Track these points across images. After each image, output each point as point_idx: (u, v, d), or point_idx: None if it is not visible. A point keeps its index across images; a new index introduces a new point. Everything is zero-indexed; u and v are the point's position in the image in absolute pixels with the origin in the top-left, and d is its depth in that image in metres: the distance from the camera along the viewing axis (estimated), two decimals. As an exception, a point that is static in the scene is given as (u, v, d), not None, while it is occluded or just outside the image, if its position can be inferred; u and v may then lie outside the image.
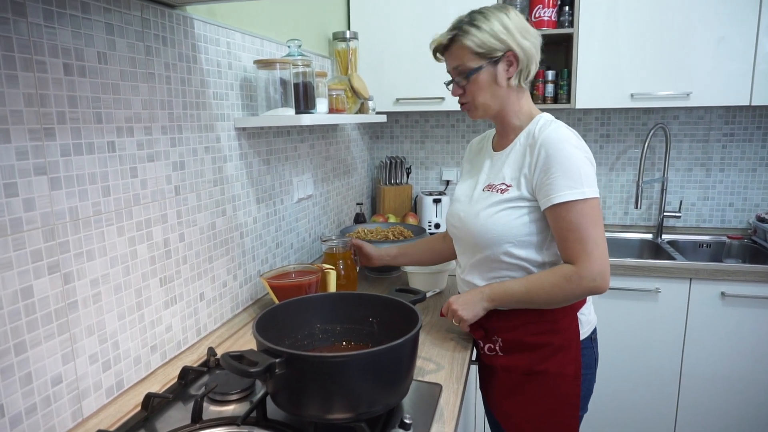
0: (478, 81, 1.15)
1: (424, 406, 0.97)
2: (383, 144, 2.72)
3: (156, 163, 1.08)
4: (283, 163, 1.64)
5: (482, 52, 1.12)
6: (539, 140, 1.10)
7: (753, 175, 2.35)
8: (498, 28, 1.11)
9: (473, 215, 1.17)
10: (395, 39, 2.20)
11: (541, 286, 1.09)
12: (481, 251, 1.17)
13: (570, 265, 1.07)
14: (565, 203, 1.05)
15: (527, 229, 1.12)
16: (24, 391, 0.80)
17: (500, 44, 1.12)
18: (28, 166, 0.80)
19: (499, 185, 1.16)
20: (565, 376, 1.15)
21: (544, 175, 1.07)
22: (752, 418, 1.98)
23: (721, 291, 1.90)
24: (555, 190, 1.05)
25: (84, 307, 0.91)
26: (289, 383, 0.83)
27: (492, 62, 1.13)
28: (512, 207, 1.12)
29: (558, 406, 1.17)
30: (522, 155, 1.14)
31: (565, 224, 1.06)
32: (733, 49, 1.95)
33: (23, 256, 0.79)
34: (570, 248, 1.07)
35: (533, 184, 1.10)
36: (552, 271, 1.10)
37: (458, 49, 1.15)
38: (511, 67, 1.14)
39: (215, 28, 1.27)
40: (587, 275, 1.05)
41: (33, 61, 0.80)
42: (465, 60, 1.14)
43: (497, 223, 1.13)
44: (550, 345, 1.15)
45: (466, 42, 1.12)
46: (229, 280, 1.36)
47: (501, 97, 1.17)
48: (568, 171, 1.05)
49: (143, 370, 1.07)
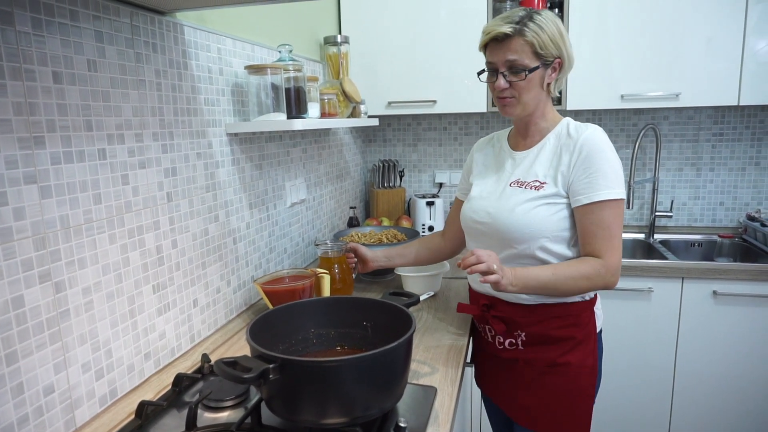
0: (531, 80, 1.15)
1: (419, 409, 0.97)
2: (376, 147, 2.72)
3: (147, 170, 1.07)
4: (275, 168, 1.64)
5: (541, 53, 1.13)
6: (579, 141, 1.14)
7: (742, 174, 2.37)
8: (556, 33, 1.14)
9: (507, 210, 1.18)
10: (386, 42, 2.21)
11: (570, 275, 1.11)
12: (514, 246, 1.18)
13: (597, 258, 1.12)
14: (602, 201, 1.10)
15: (563, 225, 1.15)
16: (16, 402, 0.80)
17: (555, 49, 1.14)
18: (18, 174, 0.79)
19: (532, 182, 1.18)
20: (585, 367, 1.20)
21: (582, 173, 1.12)
22: (745, 415, 1.99)
23: (712, 290, 1.91)
24: (594, 188, 1.10)
25: (76, 316, 0.90)
26: (283, 389, 0.82)
27: (545, 65, 1.15)
28: (549, 203, 1.15)
29: (576, 397, 1.21)
30: (556, 154, 1.17)
31: (597, 221, 1.11)
32: (721, 49, 1.97)
33: (14, 266, 0.79)
34: (597, 243, 1.12)
35: (569, 181, 1.14)
36: (580, 262, 1.13)
37: (520, 44, 1.13)
38: (554, 72, 1.18)
39: (205, 34, 1.27)
40: (612, 269, 1.12)
41: (22, 69, 0.79)
42: (524, 56, 1.13)
43: (536, 218, 1.14)
44: (573, 338, 1.19)
45: (531, 38, 1.12)
46: (222, 286, 1.36)
47: (539, 100, 1.19)
48: (607, 172, 1.10)
49: (137, 378, 1.06)
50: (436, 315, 1.44)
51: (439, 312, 1.46)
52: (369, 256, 1.50)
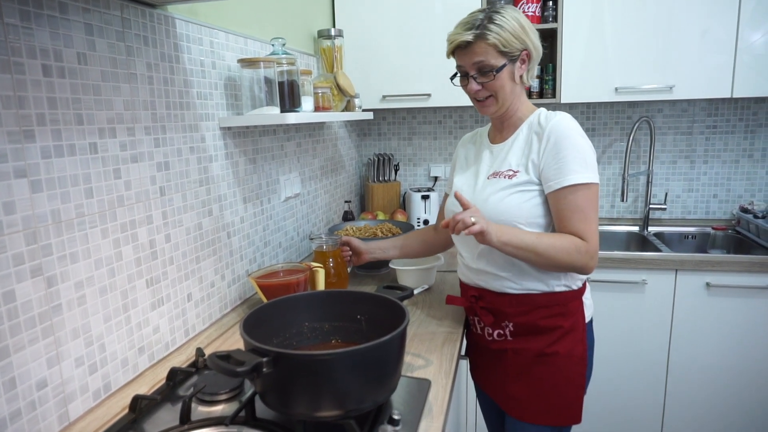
0: (501, 77, 1.17)
1: (413, 401, 0.97)
2: (371, 141, 2.71)
3: (140, 164, 1.07)
4: (269, 162, 1.63)
5: (506, 50, 1.15)
6: (547, 128, 1.15)
7: (736, 167, 2.38)
8: (517, 28, 1.15)
9: (482, 201, 1.20)
10: (381, 36, 2.20)
11: (552, 244, 1.12)
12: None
13: (579, 239, 1.12)
14: (573, 186, 1.11)
15: (537, 211, 1.16)
16: (8, 396, 0.80)
17: (519, 44, 1.16)
18: (8, 168, 0.79)
19: (506, 171, 1.20)
20: (573, 357, 1.21)
21: (552, 159, 1.13)
22: (738, 406, 2.01)
23: (706, 281, 1.92)
24: (564, 173, 1.12)
25: (69, 310, 0.90)
26: (277, 382, 0.82)
27: (511, 61, 1.17)
28: (522, 190, 1.17)
29: (565, 387, 1.22)
30: (527, 143, 1.20)
31: (571, 205, 1.12)
32: (715, 42, 1.98)
33: (4, 260, 0.79)
34: (574, 227, 1.13)
35: (540, 168, 1.15)
36: (564, 237, 1.13)
37: (482, 47, 1.15)
38: (524, 65, 1.20)
39: (197, 27, 1.26)
40: (592, 250, 1.13)
41: (10, 62, 0.79)
42: (489, 58, 1.16)
43: (509, 205, 1.16)
44: (561, 328, 1.20)
45: (492, 40, 1.14)
46: (216, 280, 1.35)
47: (514, 94, 1.21)
48: (576, 156, 1.12)
49: (131, 372, 1.06)
50: (430, 308, 1.44)
51: (434, 305, 1.47)
52: (363, 249, 1.51)
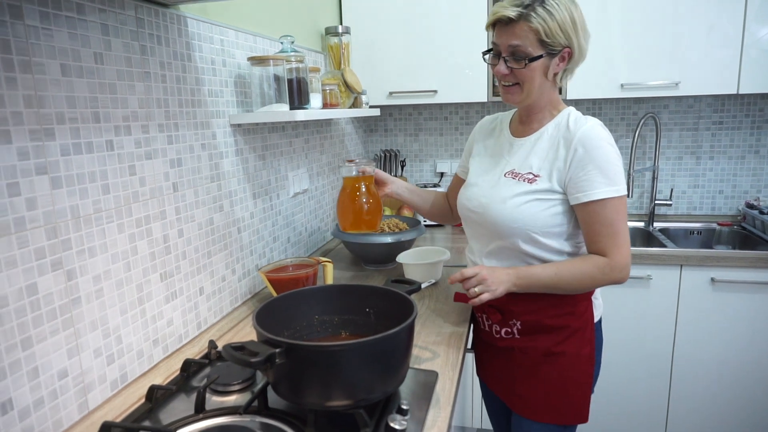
0: (533, 69, 1.10)
1: (420, 392, 1.00)
2: (377, 137, 2.73)
3: (154, 161, 1.09)
4: (278, 158, 1.66)
5: (547, 41, 1.07)
6: (576, 136, 1.10)
7: (742, 163, 2.38)
8: (567, 21, 1.07)
9: (498, 201, 1.16)
10: (387, 33, 2.22)
11: (572, 274, 1.11)
12: (502, 239, 1.17)
13: (602, 257, 1.11)
14: (602, 200, 1.08)
15: (554, 221, 1.13)
16: (31, 385, 0.83)
17: (564, 38, 1.08)
18: (30, 166, 0.81)
19: (526, 174, 1.16)
20: (581, 356, 1.20)
21: (580, 170, 1.09)
22: (743, 401, 2.02)
23: (711, 277, 1.93)
24: (592, 186, 1.08)
25: (87, 303, 0.93)
26: (289, 372, 0.85)
27: (550, 54, 1.09)
28: (540, 198, 1.13)
29: (572, 386, 1.21)
30: (553, 147, 1.14)
31: (600, 219, 1.09)
32: (721, 37, 1.98)
33: (27, 254, 0.81)
34: (602, 242, 1.10)
35: (566, 178, 1.11)
36: (584, 261, 1.12)
37: (524, 30, 1.07)
38: (562, 62, 1.12)
39: (208, 26, 1.28)
40: (618, 266, 1.10)
41: (31, 63, 0.81)
42: (527, 43, 1.08)
43: (525, 212, 1.13)
44: (569, 327, 1.19)
45: (536, 25, 1.06)
46: (227, 275, 1.38)
47: (542, 89, 1.14)
48: (605, 169, 1.07)
49: (146, 364, 1.09)
50: (437, 302, 1.47)
51: (440, 299, 1.49)
52: (388, 180, 1.47)
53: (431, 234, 2.31)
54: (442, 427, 0.91)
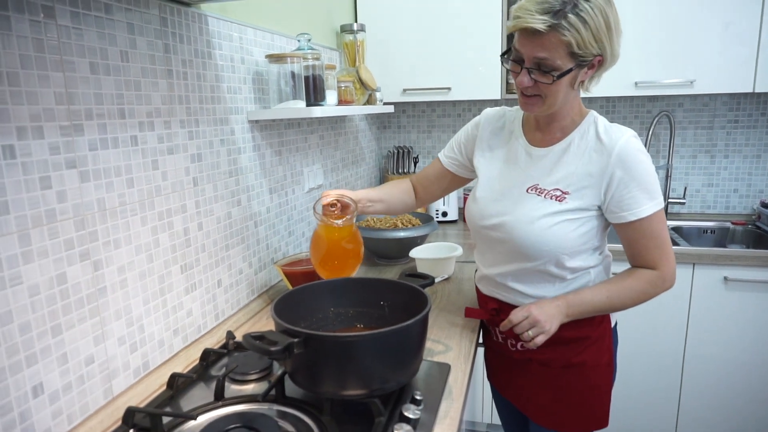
0: (561, 83, 1.00)
1: (433, 384, 1.02)
2: (390, 134, 2.75)
3: (175, 156, 1.12)
4: (294, 154, 1.69)
5: (578, 53, 0.96)
6: (614, 152, 1.03)
7: (757, 162, 2.37)
8: (602, 27, 0.96)
9: (526, 222, 1.08)
10: (402, 30, 2.23)
11: (625, 294, 1.09)
12: (529, 261, 1.11)
13: (651, 271, 1.09)
14: (648, 216, 1.04)
15: (583, 239, 1.09)
16: (60, 371, 0.86)
17: (597, 48, 0.98)
18: (60, 160, 0.85)
19: (553, 191, 1.08)
20: (601, 365, 1.18)
21: (623, 189, 1.03)
22: (753, 400, 2.02)
23: (723, 276, 1.93)
24: (637, 204, 1.04)
25: (112, 293, 0.96)
26: (306, 362, 0.88)
27: (579, 66, 0.99)
28: (569, 219, 1.07)
29: (593, 395, 1.20)
30: (582, 161, 1.06)
31: (647, 234, 1.06)
32: (737, 35, 1.97)
33: (57, 245, 0.85)
34: (650, 255, 1.08)
35: (607, 197, 1.05)
36: (633, 278, 1.10)
37: (553, 42, 0.95)
38: (591, 70, 1.02)
39: (228, 24, 1.31)
40: (668, 278, 1.09)
41: (62, 61, 0.84)
42: (556, 57, 0.96)
43: (555, 235, 1.06)
44: (588, 338, 1.16)
45: (567, 38, 0.94)
46: (244, 268, 1.41)
47: (567, 99, 1.05)
48: (647, 184, 1.03)
49: (167, 353, 1.12)
50: (449, 297, 1.49)
51: (453, 294, 1.51)
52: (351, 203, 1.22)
53: (443, 230, 2.33)
54: (454, 417, 0.93)
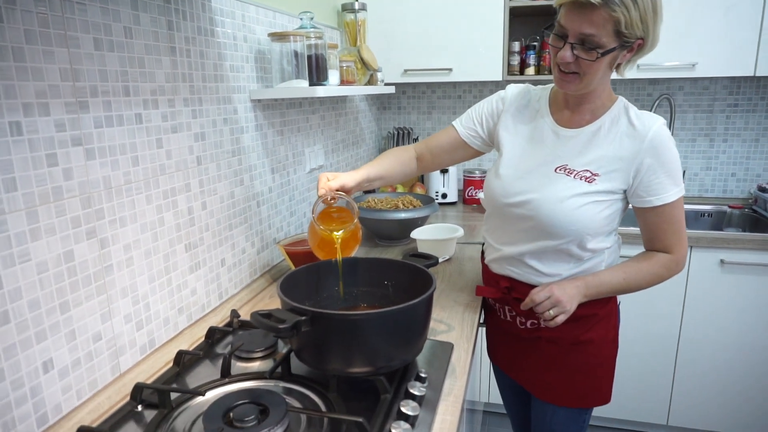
0: (603, 61, 1.00)
1: (437, 362, 1.03)
2: (390, 115, 2.74)
3: (179, 134, 1.12)
4: (295, 134, 1.68)
5: (624, 32, 0.97)
6: (647, 138, 1.05)
7: (756, 146, 2.38)
8: (649, 10, 0.98)
9: (555, 201, 1.09)
10: (403, 10, 2.21)
11: (642, 276, 1.13)
12: (552, 239, 1.11)
13: (666, 254, 1.13)
14: (672, 202, 1.08)
15: (605, 222, 1.11)
16: (69, 347, 0.87)
17: (641, 30, 0.99)
18: (66, 137, 0.84)
19: (582, 172, 1.09)
20: (607, 341, 1.22)
21: (652, 175, 1.06)
22: (748, 382, 2.06)
23: (720, 258, 1.95)
24: (664, 190, 1.07)
25: (119, 271, 0.97)
26: (313, 340, 0.89)
27: (623, 46, 1.00)
28: (597, 201, 1.08)
29: (599, 371, 1.22)
30: (613, 145, 1.08)
31: (669, 219, 1.10)
32: (739, 18, 1.96)
33: (64, 222, 0.85)
34: (668, 239, 1.12)
35: (635, 182, 1.08)
36: (649, 261, 1.14)
37: (602, 17, 0.95)
38: (630, 53, 1.03)
39: (231, 1, 1.29)
40: (681, 261, 1.14)
41: (66, 36, 0.83)
42: (602, 33, 0.97)
43: (584, 215, 1.08)
44: (596, 315, 1.19)
45: (617, 14, 0.94)
46: (247, 247, 1.42)
47: (604, 79, 1.07)
48: (673, 171, 1.07)
49: (172, 331, 1.13)
50: (451, 278, 1.50)
51: (454, 275, 1.52)
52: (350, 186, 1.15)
53: (443, 212, 2.34)
54: (458, 395, 0.95)
